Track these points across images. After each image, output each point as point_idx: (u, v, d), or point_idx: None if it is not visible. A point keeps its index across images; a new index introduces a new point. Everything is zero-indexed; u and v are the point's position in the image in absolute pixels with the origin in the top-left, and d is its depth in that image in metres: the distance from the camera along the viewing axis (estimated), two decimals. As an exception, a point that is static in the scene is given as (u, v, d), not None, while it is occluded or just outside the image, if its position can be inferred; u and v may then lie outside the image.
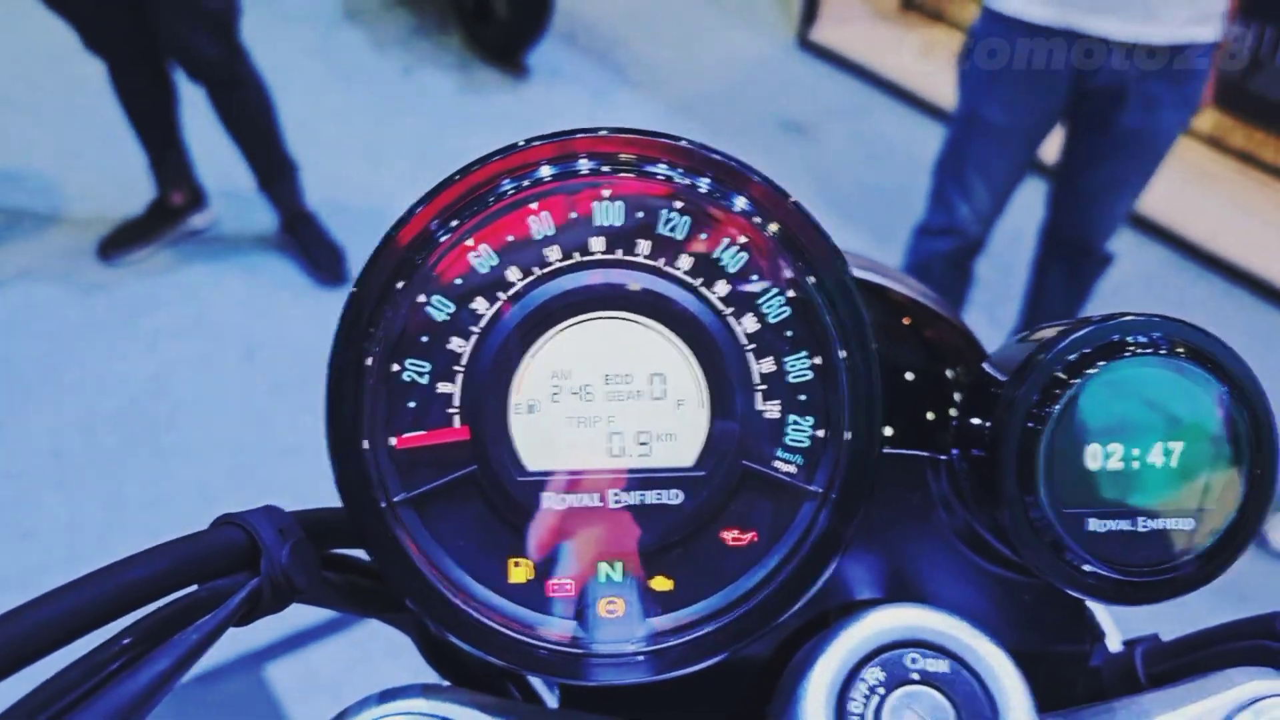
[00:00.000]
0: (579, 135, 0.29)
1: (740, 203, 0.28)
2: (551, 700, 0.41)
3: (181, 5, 2.31)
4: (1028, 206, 2.29)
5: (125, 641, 0.26)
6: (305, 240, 2.74)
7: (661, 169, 0.28)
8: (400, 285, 0.28)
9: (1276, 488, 0.30)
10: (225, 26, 2.42)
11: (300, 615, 1.66)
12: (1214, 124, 3.48)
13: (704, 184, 0.28)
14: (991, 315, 2.69)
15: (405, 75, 3.79)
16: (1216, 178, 3.40)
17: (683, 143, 0.29)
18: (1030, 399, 0.29)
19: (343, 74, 3.77)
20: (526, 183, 0.28)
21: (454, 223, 0.28)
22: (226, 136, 2.61)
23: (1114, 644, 0.45)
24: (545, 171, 0.28)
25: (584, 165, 0.28)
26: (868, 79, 3.85)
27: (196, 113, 2.66)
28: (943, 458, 0.33)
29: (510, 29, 3.75)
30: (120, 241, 2.71)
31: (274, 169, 2.70)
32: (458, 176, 0.29)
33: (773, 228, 0.28)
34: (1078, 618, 0.36)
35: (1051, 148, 2.10)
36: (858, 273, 0.41)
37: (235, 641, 1.79)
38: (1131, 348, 0.29)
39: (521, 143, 0.29)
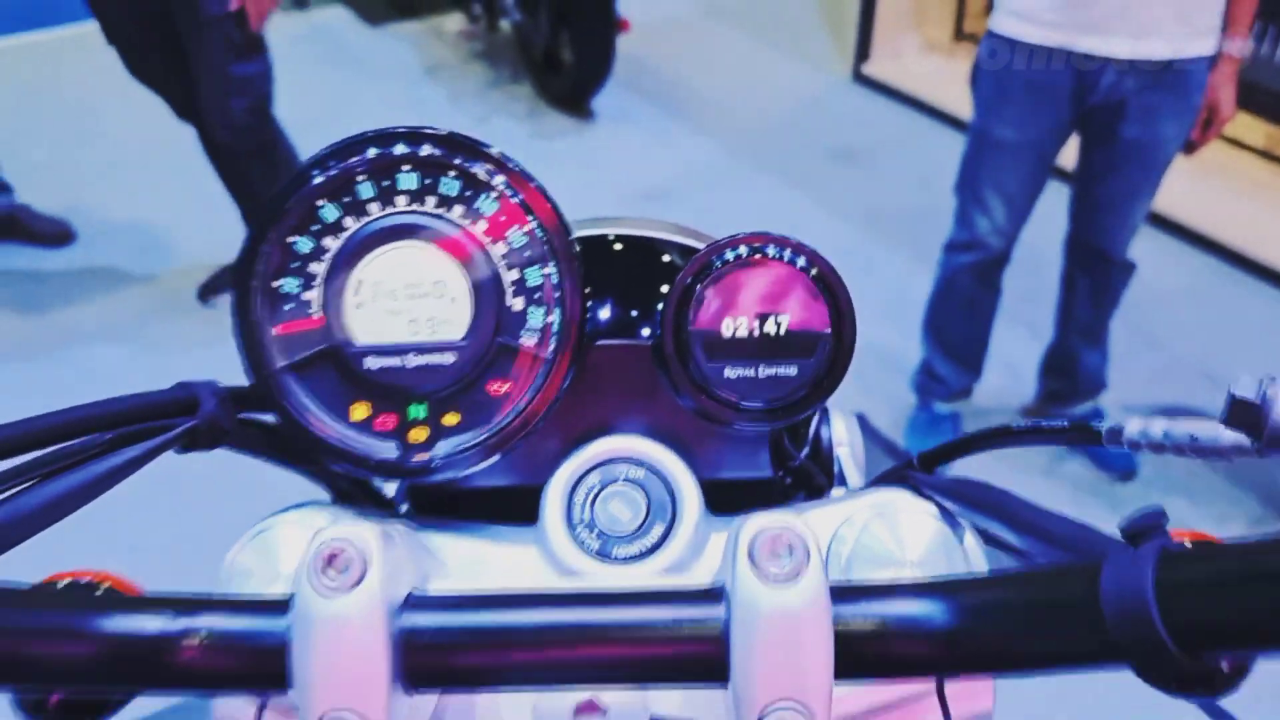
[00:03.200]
0: (391, 131, 0.45)
1: (485, 171, 0.44)
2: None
3: (214, 71, 2.50)
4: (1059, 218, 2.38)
5: (85, 441, 0.42)
6: None
7: (440, 151, 0.44)
8: (274, 230, 0.45)
9: (854, 345, 0.45)
10: (256, 97, 2.60)
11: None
12: (1266, 137, 3.51)
13: (471, 163, 0.44)
14: (1032, 327, 2.76)
15: (481, 124, 4.05)
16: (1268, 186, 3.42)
17: (449, 133, 0.45)
18: (683, 282, 0.44)
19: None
20: (354, 159, 0.45)
21: (306, 187, 0.45)
22: (231, 200, 2.79)
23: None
24: (370, 151, 0.45)
25: (396, 149, 0.45)
26: (920, 109, 3.97)
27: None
28: (647, 343, 0.48)
29: (576, 77, 3.98)
30: (215, 286, 2.97)
31: None
32: (313, 161, 0.46)
33: (509, 190, 0.44)
34: (756, 450, 0.51)
35: (1071, 158, 2.20)
36: (627, 228, 0.56)
37: None
38: (742, 256, 0.44)
39: (355, 135, 0.45)
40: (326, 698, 0.32)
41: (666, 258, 0.54)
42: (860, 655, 0.33)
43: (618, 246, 0.54)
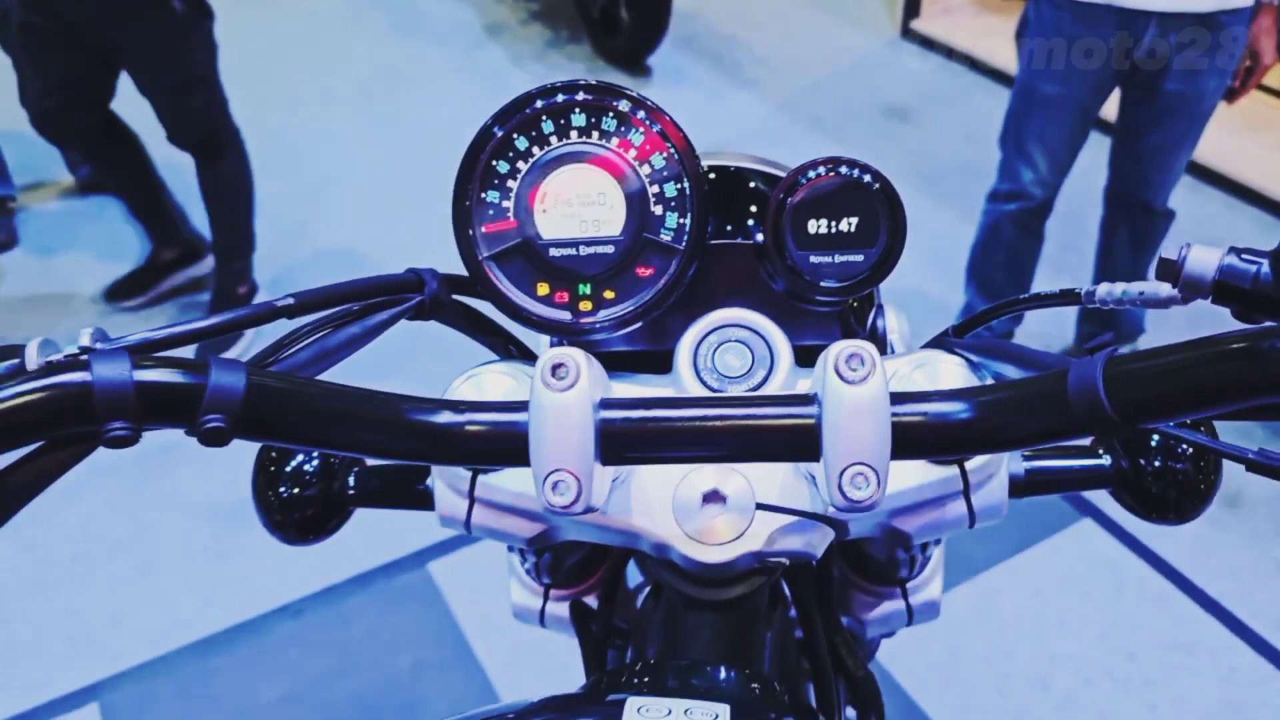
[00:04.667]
0: (565, 84, 0.62)
1: (641, 113, 0.61)
2: None
3: (159, 71, 2.43)
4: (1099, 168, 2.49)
5: (345, 309, 0.59)
6: None
7: (598, 97, 0.61)
8: (483, 154, 0.61)
9: (905, 238, 0.61)
10: (205, 93, 2.54)
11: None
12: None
13: (623, 104, 0.61)
14: (1074, 275, 2.88)
15: (541, 83, 4.20)
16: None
17: (607, 83, 0.61)
18: (779, 197, 0.61)
19: (487, 86, 4.21)
20: (540, 104, 0.61)
21: (504, 126, 0.61)
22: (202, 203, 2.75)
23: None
24: (545, 96, 0.61)
25: (563, 97, 0.61)
26: (969, 64, 4.06)
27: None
28: (758, 240, 0.65)
29: (633, 36, 4.12)
30: (118, 292, 2.94)
31: (233, 248, 2.79)
32: (508, 106, 0.62)
33: (656, 126, 0.61)
34: (830, 324, 0.67)
35: (1112, 110, 2.31)
36: (730, 160, 0.72)
37: (405, 542, 2.19)
38: (822, 174, 0.60)
39: (540, 88, 0.62)
40: (552, 462, 0.49)
41: (753, 184, 0.70)
42: (909, 440, 0.49)
43: (726, 172, 0.71)
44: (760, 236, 0.63)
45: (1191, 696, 1.89)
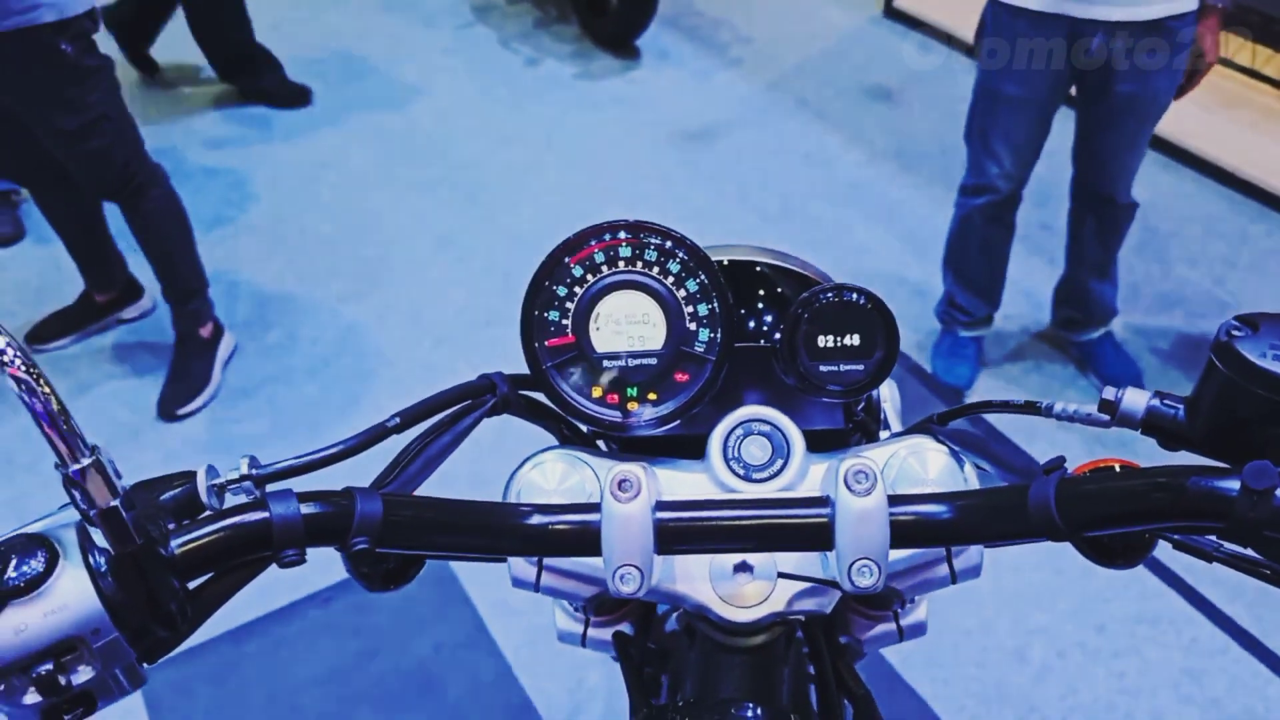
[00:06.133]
0: (613, 223, 0.73)
1: (671, 244, 0.73)
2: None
3: (56, 117, 2.30)
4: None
5: (438, 420, 0.71)
6: (179, 367, 2.72)
7: (641, 235, 0.73)
8: (546, 281, 0.73)
9: (898, 352, 0.73)
10: (109, 133, 2.37)
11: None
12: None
13: (656, 239, 0.73)
14: (1050, 257, 3.01)
15: (530, 66, 4.28)
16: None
17: (648, 222, 0.73)
18: (795, 314, 0.73)
19: (476, 68, 4.29)
20: (593, 241, 0.73)
21: (566, 257, 0.73)
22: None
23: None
24: (597, 235, 0.73)
25: (610, 234, 0.73)
26: (949, 43, 4.15)
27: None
28: (769, 346, 0.77)
29: (621, 17, 4.19)
30: (42, 334, 2.87)
31: (180, 290, 2.68)
32: (572, 240, 0.73)
33: (683, 254, 0.73)
34: (835, 411, 0.80)
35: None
36: (744, 255, 0.84)
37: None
38: (830, 299, 0.72)
39: (592, 226, 0.73)
40: (620, 558, 0.61)
41: (779, 288, 0.82)
42: (905, 534, 0.62)
43: (749, 273, 0.82)
44: (778, 339, 0.76)
45: (1156, 665, 2.05)
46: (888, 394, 0.93)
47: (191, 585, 0.56)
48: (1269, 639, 2.09)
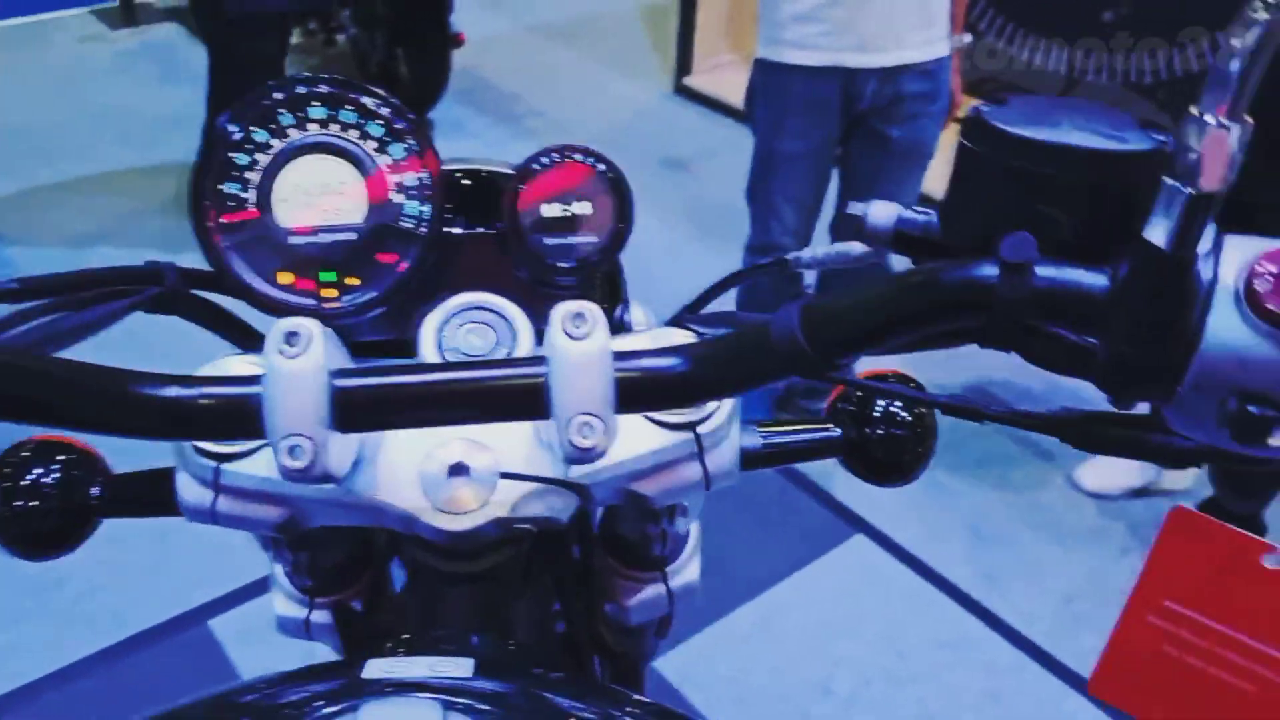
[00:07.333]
0: (300, 76, 0.64)
1: (374, 103, 0.63)
2: None
3: None
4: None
5: (79, 296, 0.59)
6: None
7: (338, 88, 0.63)
8: (220, 150, 0.62)
9: (633, 220, 0.66)
10: None
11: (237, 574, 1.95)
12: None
13: (361, 97, 0.63)
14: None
15: (319, 137, 4.15)
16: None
17: (346, 77, 0.64)
18: (516, 180, 0.65)
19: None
20: (278, 96, 0.63)
21: (241, 122, 0.63)
22: None
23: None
24: (283, 93, 0.63)
25: (302, 89, 0.63)
26: (738, 118, 4.29)
27: None
28: (491, 231, 0.68)
29: (413, 90, 4.13)
30: None
31: None
32: (243, 101, 0.63)
33: (394, 116, 0.64)
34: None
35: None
36: (474, 164, 0.75)
37: (182, 602, 2.09)
38: (556, 161, 0.65)
39: (276, 81, 0.64)
40: (286, 428, 0.50)
41: (495, 182, 0.74)
42: (634, 392, 0.53)
43: (471, 173, 0.74)
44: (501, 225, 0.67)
45: (957, 689, 2.03)
46: (640, 316, 0.86)
47: None
48: (1062, 655, 2.10)
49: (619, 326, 0.81)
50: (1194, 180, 0.40)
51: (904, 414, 0.81)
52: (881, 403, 0.77)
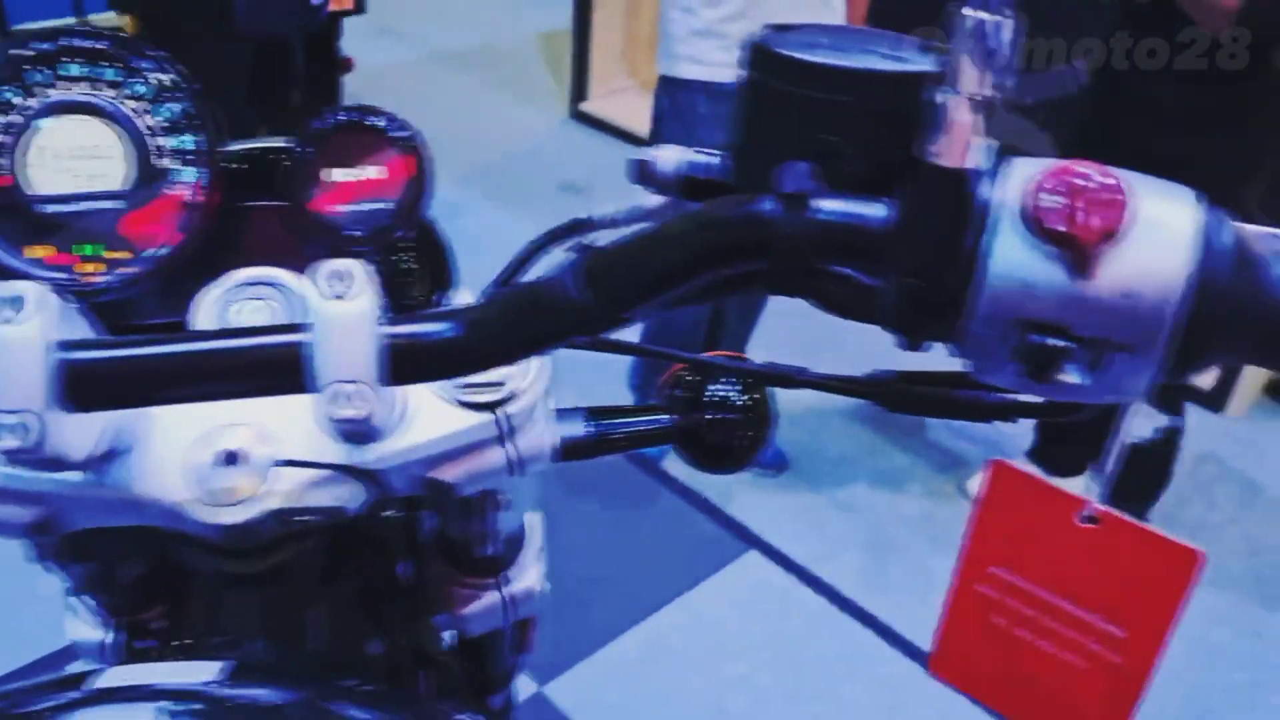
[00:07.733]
0: (52, 29, 0.58)
1: (143, 61, 0.58)
2: None
3: None
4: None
5: None
6: None
7: (96, 44, 0.57)
8: None
9: (429, 185, 0.61)
10: None
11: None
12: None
13: (125, 52, 0.58)
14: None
15: (204, 164, 4.03)
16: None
17: (106, 30, 0.58)
18: (296, 152, 0.60)
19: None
20: (24, 51, 0.57)
21: None
22: None
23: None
24: (34, 47, 0.57)
25: (51, 45, 0.57)
26: (634, 141, 4.28)
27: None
28: (276, 202, 0.63)
29: (301, 116, 4.03)
30: None
31: None
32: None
33: (162, 72, 0.58)
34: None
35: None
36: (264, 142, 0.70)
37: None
38: (340, 121, 0.60)
39: (22, 31, 0.58)
40: (2, 403, 0.44)
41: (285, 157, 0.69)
42: (406, 359, 0.48)
43: (260, 151, 0.68)
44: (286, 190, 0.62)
45: (855, 704, 2.00)
46: (467, 297, 0.81)
47: None
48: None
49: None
50: (960, 82, 0.37)
51: (738, 399, 0.77)
52: (713, 388, 0.73)
